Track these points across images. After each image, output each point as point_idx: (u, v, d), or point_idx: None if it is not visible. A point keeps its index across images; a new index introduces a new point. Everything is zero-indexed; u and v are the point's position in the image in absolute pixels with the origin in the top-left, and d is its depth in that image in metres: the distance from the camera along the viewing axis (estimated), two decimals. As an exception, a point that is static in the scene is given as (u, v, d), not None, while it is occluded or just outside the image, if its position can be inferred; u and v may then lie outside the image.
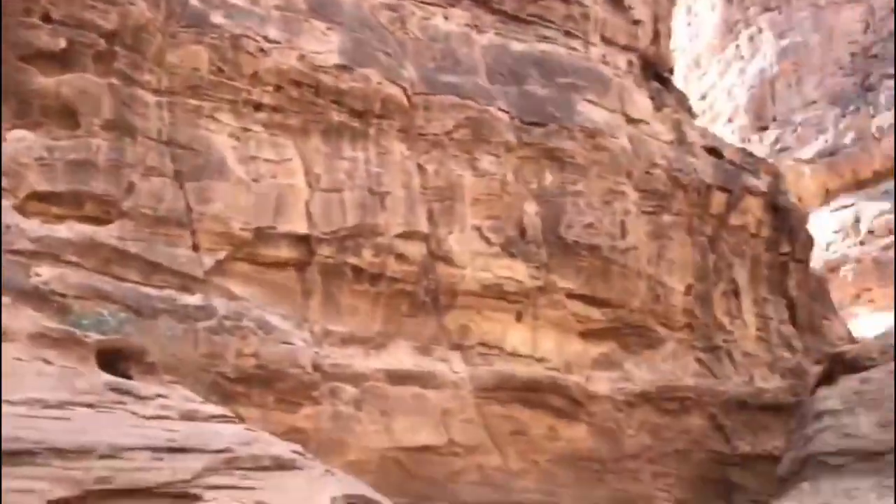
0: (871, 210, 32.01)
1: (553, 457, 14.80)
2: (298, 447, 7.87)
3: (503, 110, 15.07)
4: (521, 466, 14.19)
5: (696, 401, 16.91)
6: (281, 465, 6.74)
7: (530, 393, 14.69)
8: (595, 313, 15.96)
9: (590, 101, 16.27)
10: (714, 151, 19.07)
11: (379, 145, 13.75)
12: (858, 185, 32.88)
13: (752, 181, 19.31)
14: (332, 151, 13.36)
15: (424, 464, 13.09)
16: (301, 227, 12.89)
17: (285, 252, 12.88)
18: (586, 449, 15.28)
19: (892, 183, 31.64)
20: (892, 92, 31.76)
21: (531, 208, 15.16)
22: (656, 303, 16.84)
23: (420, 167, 14.07)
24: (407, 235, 13.60)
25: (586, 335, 15.89)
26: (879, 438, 12.27)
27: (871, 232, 31.77)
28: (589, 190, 15.77)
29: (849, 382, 13.53)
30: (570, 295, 15.54)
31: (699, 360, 17.48)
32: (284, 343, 12.18)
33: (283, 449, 7.17)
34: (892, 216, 31.28)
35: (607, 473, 15.47)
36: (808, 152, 33.89)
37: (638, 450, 15.94)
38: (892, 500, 11.37)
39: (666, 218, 17.31)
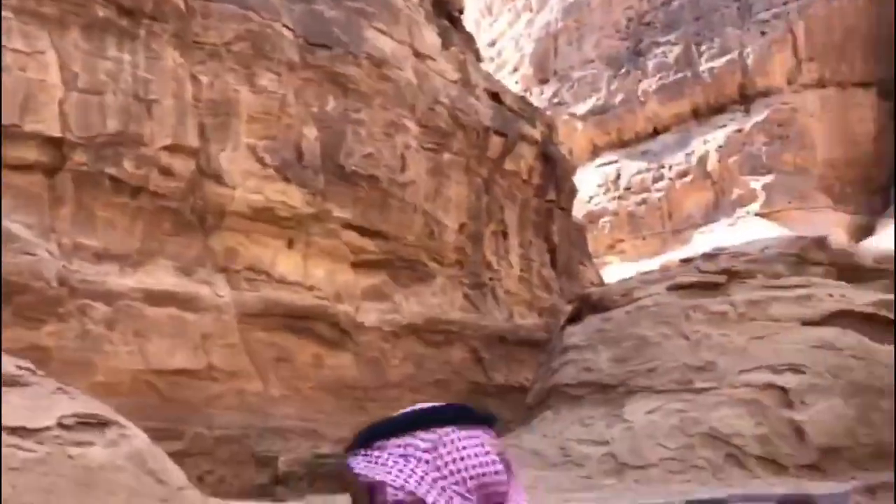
0: (631, 168, 34.71)
1: (317, 384, 14.85)
2: (28, 363, 7.21)
3: (287, 27, 14.47)
4: (283, 393, 14.10)
5: (459, 334, 17.66)
6: (3, 381, 6.13)
7: (297, 321, 14.56)
8: (369, 245, 16.05)
9: (378, 30, 16.05)
10: (495, 96, 19.65)
11: (149, 49, 12.70)
12: (622, 144, 35.46)
13: (527, 129, 20.16)
14: (93, 49, 12.15)
15: (180, 388, 12.60)
16: (53, 129, 11.68)
17: (33, 154, 11.64)
18: (351, 377, 15.48)
19: (651, 144, 34.44)
20: (659, 59, 34.30)
21: (310, 132, 14.80)
22: (430, 238, 17.25)
23: (193, 78, 13.20)
24: (174, 149, 12.77)
25: (358, 266, 15.96)
26: (613, 372, 13.45)
27: (628, 188, 34.50)
28: (371, 119, 15.66)
29: (593, 321, 14.65)
30: (345, 224, 15.47)
31: (466, 296, 18.22)
32: (26, 254, 11.08)
33: (8, 364, 6.52)
34: (648, 175, 34.14)
35: (369, 401, 15.79)
36: (581, 108, 35.96)
37: (401, 379, 16.41)
38: (619, 428, 12.56)
39: (445, 156, 17.66)
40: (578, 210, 30.08)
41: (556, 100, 36.18)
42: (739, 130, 32.39)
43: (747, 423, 11.88)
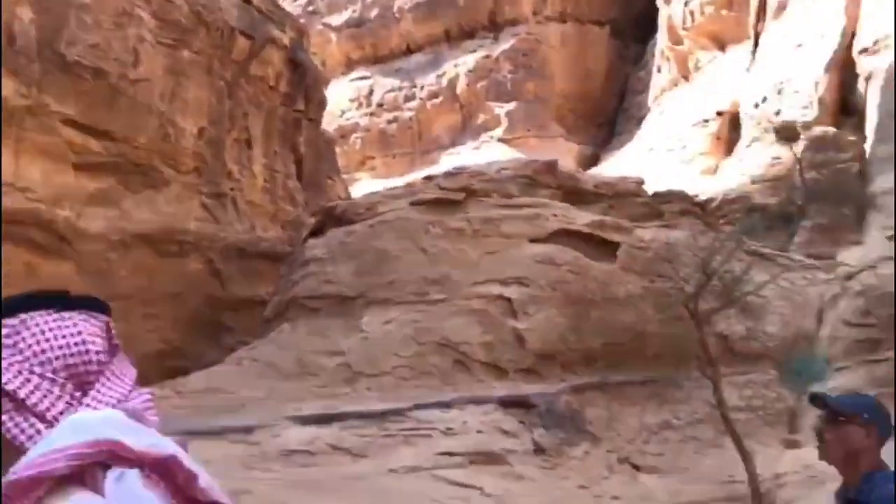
0: (384, 85, 34.77)
1: (30, 295, 13.51)
2: None
3: None
4: (-12, 304, 12.67)
5: (196, 245, 16.87)
6: None
7: (6, 225, 13.05)
8: (94, 145, 14.69)
9: None
10: (242, -5, 18.55)
11: None
12: (376, 60, 35.32)
13: (276, 33, 19.30)
14: None
15: None
16: None
17: None
18: (72, 289, 14.16)
19: (405, 62, 34.62)
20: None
21: (25, 14, 13.05)
22: (165, 142, 16.14)
23: None
24: None
25: (81, 168, 14.58)
26: (353, 285, 13.56)
27: (381, 105, 34.60)
28: (98, 6, 14.11)
29: (336, 234, 14.60)
30: (66, 121, 14.00)
31: (204, 206, 17.37)
32: None
33: None
34: (401, 93, 34.41)
35: (93, 314, 14.74)
36: (336, 20, 35.20)
37: (130, 291, 15.42)
38: (356, 339, 12.75)
39: (185, 54, 16.46)
40: (329, 123, 29.68)
41: (310, 8, 35.05)
42: (488, 57, 33.49)
43: (475, 332, 12.57)
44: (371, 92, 34.63)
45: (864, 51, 21.63)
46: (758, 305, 13.07)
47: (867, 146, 20.36)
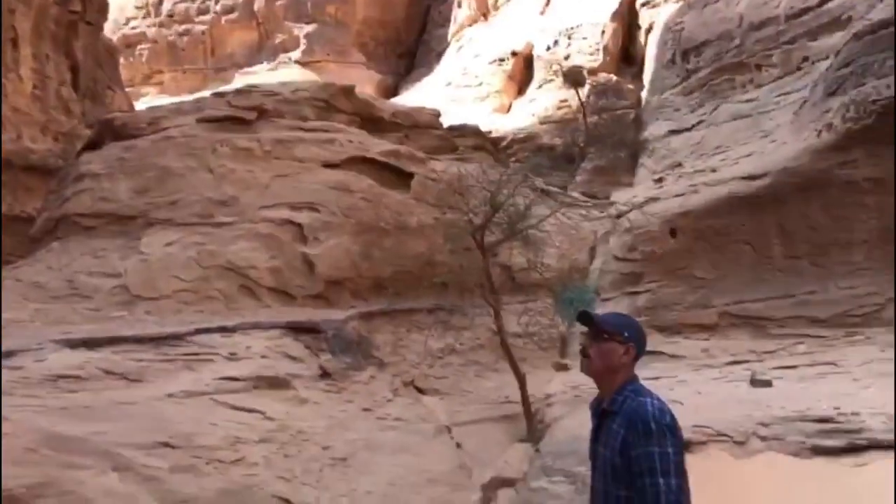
0: (174, -6, 32.45)
1: None
2: None
3: None
4: None
5: (-52, 153, 15.10)
6: None
7: None
8: None
9: None
10: None
11: None
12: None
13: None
14: None
15: None
16: None
17: None
18: None
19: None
20: None
21: None
22: None
23: None
24: None
25: None
26: (132, 204, 12.74)
27: (171, 16, 32.33)
28: None
29: (114, 149, 13.60)
30: None
31: (-41, 109, 15.53)
32: None
33: None
34: (193, 5, 32.30)
35: None
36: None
37: None
38: (134, 260, 12.03)
39: (-66, -67, 14.39)
40: (112, 32, 27.42)
41: None
42: (288, -26, 32.15)
43: (263, 257, 12.28)
44: (160, 1, 32.22)
45: (645, 3, 23.03)
46: (538, 239, 13.77)
47: (644, 94, 21.87)
